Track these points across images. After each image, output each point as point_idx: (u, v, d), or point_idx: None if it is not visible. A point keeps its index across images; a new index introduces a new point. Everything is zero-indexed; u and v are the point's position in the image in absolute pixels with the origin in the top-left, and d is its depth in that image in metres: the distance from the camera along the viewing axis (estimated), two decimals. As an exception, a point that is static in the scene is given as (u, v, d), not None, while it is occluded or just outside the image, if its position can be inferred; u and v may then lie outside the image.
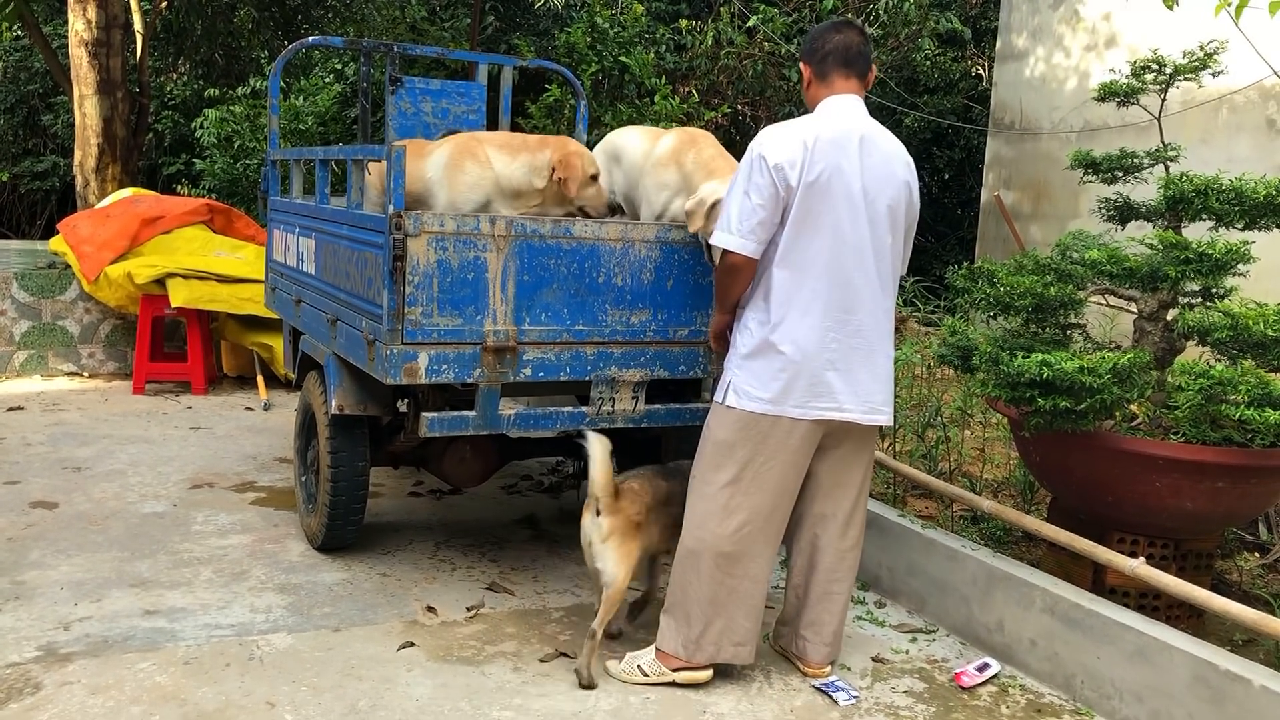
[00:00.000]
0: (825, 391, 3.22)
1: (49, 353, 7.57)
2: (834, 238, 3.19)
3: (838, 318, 3.21)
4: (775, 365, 3.21)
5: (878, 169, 3.25)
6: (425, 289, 3.44)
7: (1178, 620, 3.51)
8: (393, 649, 3.49)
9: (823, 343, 3.20)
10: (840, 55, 3.35)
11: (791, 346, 3.19)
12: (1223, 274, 3.57)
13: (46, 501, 4.81)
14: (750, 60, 10.94)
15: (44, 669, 3.24)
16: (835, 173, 3.17)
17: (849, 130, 3.24)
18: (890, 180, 3.28)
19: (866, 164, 3.23)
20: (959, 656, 3.68)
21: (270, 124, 5.51)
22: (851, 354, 3.24)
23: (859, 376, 3.25)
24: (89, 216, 7.70)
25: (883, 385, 3.32)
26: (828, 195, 3.16)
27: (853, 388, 3.24)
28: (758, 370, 3.24)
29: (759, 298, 3.28)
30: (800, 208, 3.16)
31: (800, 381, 3.20)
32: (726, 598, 3.29)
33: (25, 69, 13.61)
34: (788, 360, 3.20)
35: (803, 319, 3.20)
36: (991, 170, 9.47)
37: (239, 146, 10.02)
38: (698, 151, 3.91)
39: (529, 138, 4.10)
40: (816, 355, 3.20)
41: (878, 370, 3.30)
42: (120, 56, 8.95)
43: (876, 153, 3.27)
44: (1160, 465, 3.38)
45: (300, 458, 4.55)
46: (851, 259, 3.21)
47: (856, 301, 3.23)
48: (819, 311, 3.20)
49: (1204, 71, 3.86)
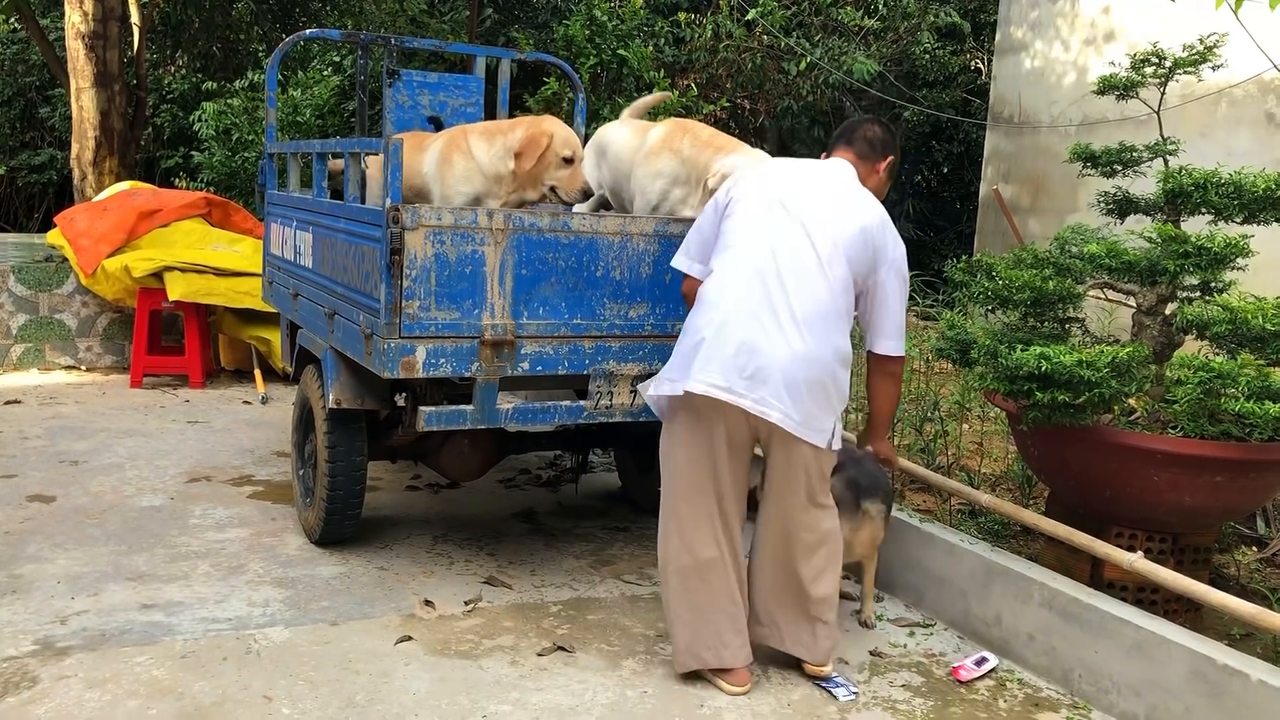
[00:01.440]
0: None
1: (46, 346, 7.56)
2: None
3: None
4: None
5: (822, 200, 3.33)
6: (423, 283, 3.43)
7: (1175, 615, 3.51)
8: (390, 643, 3.49)
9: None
10: (846, 133, 3.54)
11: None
12: (1221, 268, 3.57)
13: (44, 495, 4.81)
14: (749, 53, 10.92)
15: (41, 663, 3.24)
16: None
17: (805, 167, 3.46)
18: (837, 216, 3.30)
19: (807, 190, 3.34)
20: (957, 651, 3.68)
21: (268, 117, 5.49)
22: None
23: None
24: (86, 210, 7.69)
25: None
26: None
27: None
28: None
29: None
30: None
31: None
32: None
33: (22, 61, 13.58)
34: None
35: None
36: (990, 164, 9.46)
37: (237, 140, 10.00)
38: (693, 135, 3.90)
39: (506, 121, 4.05)
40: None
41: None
42: (117, 49, 8.93)
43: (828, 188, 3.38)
44: (1158, 460, 3.38)
45: (298, 452, 4.55)
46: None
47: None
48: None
49: (1204, 65, 3.85)
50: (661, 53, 10.72)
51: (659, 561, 3.38)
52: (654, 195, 3.95)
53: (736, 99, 11.46)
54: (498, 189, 3.90)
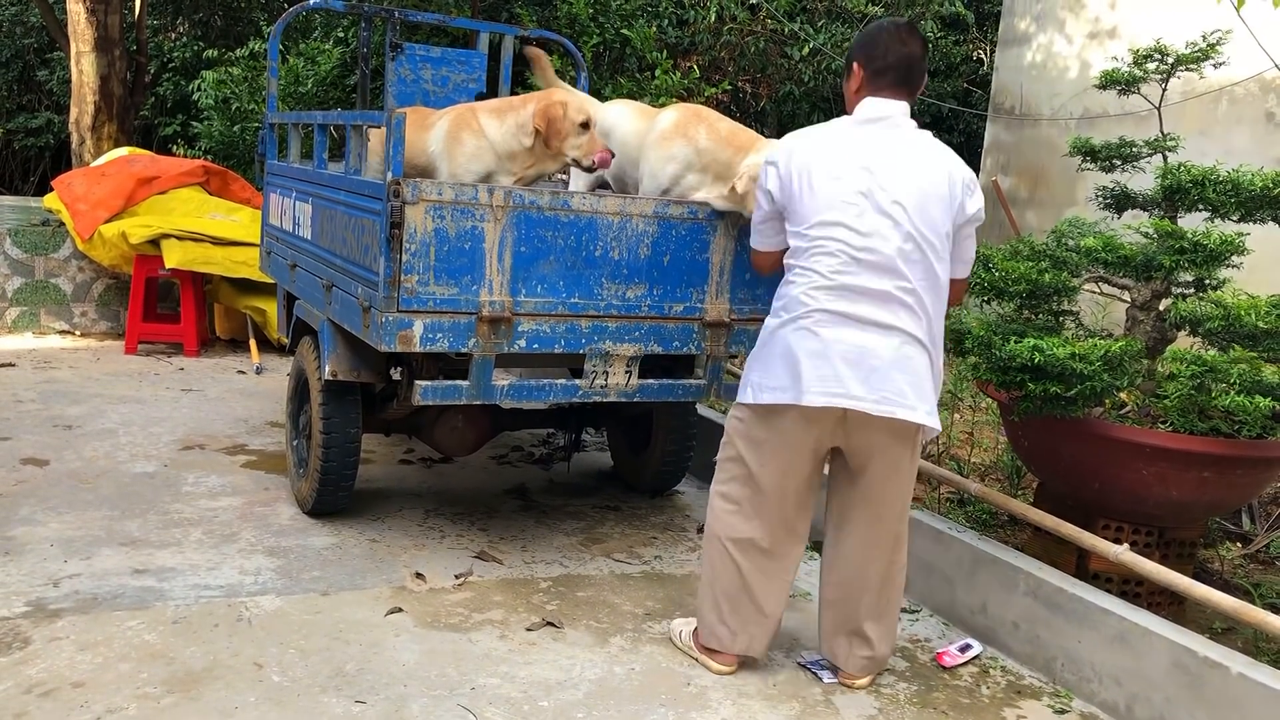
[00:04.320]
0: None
1: (41, 310, 7.56)
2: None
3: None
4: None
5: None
6: (422, 257, 3.44)
7: (1159, 607, 3.54)
8: (380, 614, 3.52)
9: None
10: (902, 71, 3.15)
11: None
12: (1217, 265, 3.59)
13: (37, 459, 4.82)
14: (753, 37, 10.89)
15: (33, 624, 3.26)
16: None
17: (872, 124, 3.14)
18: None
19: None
20: (941, 637, 3.72)
21: (269, 87, 5.48)
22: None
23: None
24: (84, 174, 7.66)
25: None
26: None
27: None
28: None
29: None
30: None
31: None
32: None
33: (21, 23, 13.49)
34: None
35: None
36: (990, 155, 9.46)
37: (236, 109, 9.95)
38: (709, 126, 3.85)
39: (516, 98, 4.04)
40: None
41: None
42: (119, 14, 8.89)
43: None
44: (1148, 453, 3.41)
45: (292, 422, 4.56)
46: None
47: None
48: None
49: (1206, 62, 3.86)
50: (665, 33, 10.68)
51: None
52: (665, 179, 3.91)
53: (738, 82, 11.43)
54: (510, 166, 3.89)
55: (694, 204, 3.81)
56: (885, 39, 3.15)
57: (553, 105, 3.79)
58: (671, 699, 3.14)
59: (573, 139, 3.84)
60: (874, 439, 3.08)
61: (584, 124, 3.84)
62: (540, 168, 3.95)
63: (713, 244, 3.83)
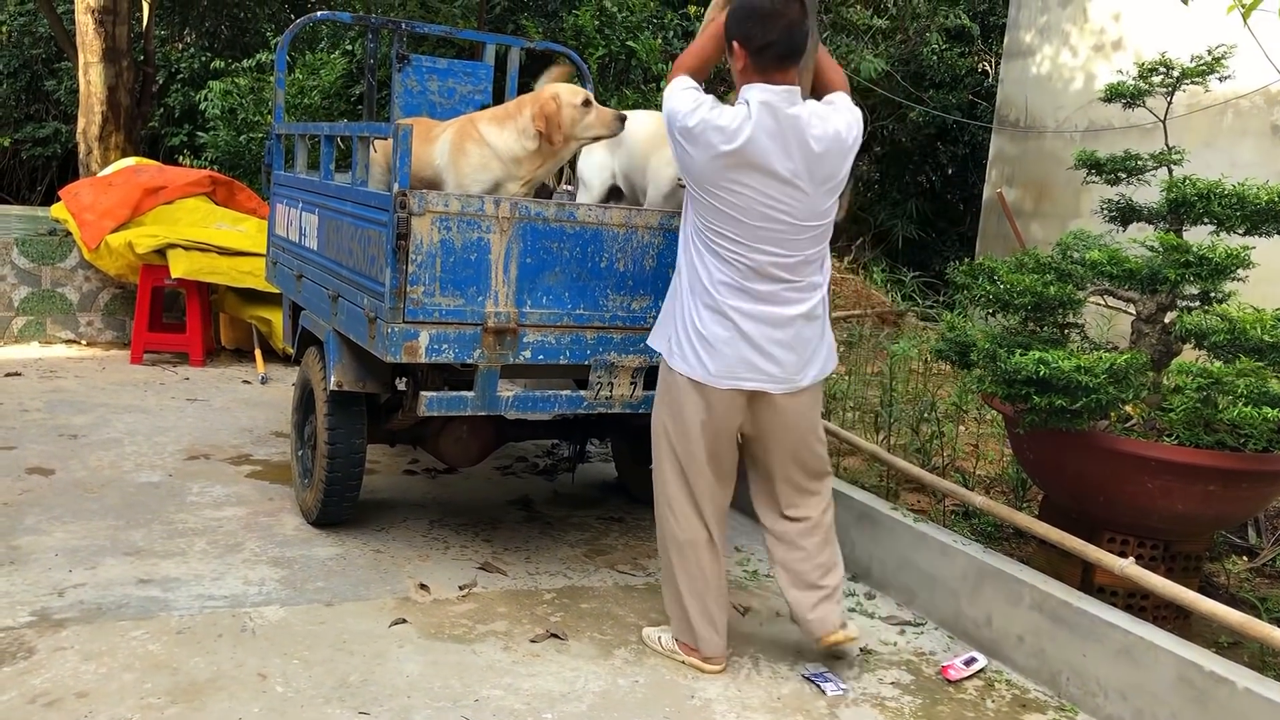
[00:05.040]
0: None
1: (48, 319, 7.57)
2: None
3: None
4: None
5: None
6: (428, 268, 3.45)
7: (1164, 621, 3.53)
8: (385, 625, 3.52)
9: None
10: (793, 46, 3.14)
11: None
12: (1222, 278, 3.59)
13: (42, 468, 4.82)
14: (757, 49, 10.89)
15: (37, 634, 3.26)
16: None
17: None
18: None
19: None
20: (946, 650, 3.71)
21: (276, 98, 5.50)
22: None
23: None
24: (91, 184, 7.69)
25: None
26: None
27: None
28: None
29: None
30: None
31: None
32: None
33: (29, 33, 13.55)
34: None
35: None
36: (995, 167, 9.47)
37: (242, 119, 9.99)
38: None
39: (511, 104, 4.04)
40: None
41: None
42: (126, 25, 8.94)
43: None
44: (1153, 467, 3.40)
45: (297, 433, 4.57)
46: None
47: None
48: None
49: (1211, 76, 3.86)
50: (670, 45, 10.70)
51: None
52: (665, 183, 3.93)
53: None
54: (518, 171, 3.89)
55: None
56: (763, 13, 3.10)
57: (547, 102, 3.78)
58: (675, 711, 3.13)
59: (581, 123, 3.82)
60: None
61: (584, 103, 3.83)
62: (550, 165, 3.95)
63: (718, 256, 3.83)
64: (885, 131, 12.41)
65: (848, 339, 7.19)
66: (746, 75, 3.17)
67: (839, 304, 8.43)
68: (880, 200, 12.90)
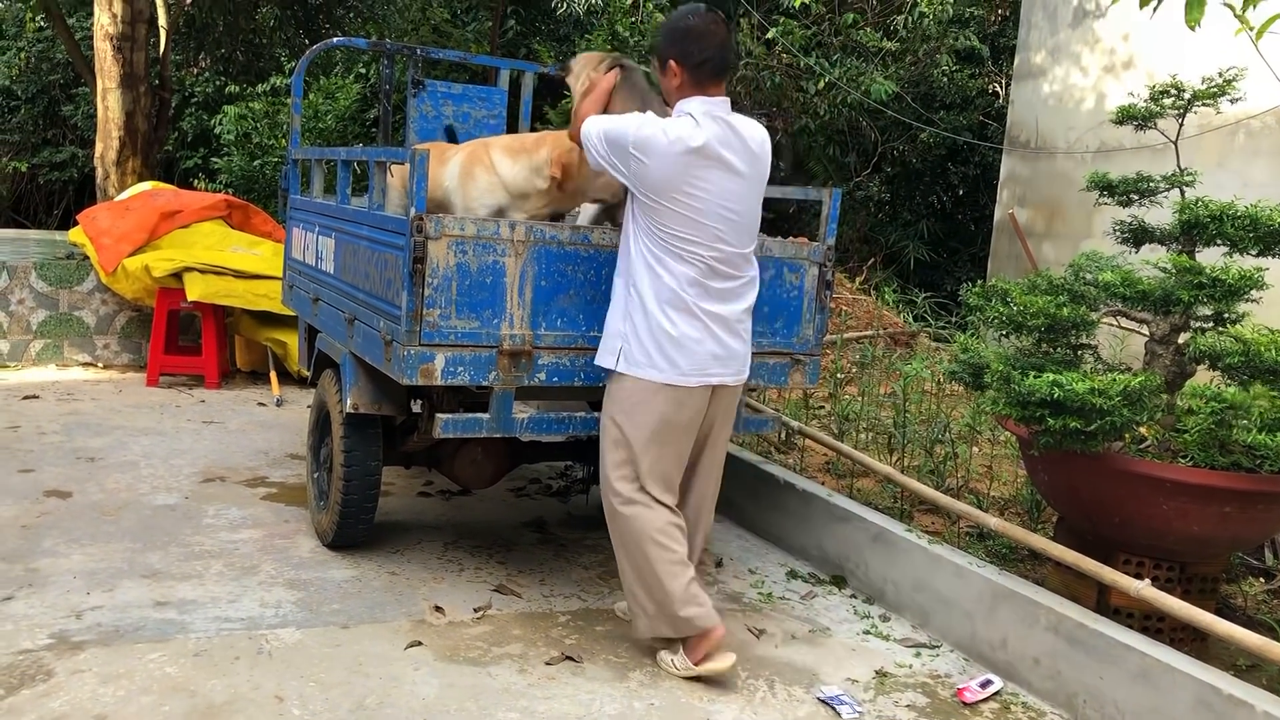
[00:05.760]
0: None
1: (65, 342, 7.63)
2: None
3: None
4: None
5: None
6: (444, 291, 3.48)
7: (1181, 643, 3.52)
8: (400, 647, 3.53)
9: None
10: (719, 60, 3.41)
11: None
12: (1235, 299, 3.59)
13: (60, 490, 4.86)
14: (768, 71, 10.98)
15: (56, 656, 3.28)
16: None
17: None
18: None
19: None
20: (962, 672, 3.70)
21: (293, 123, 5.55)
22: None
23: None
24: (108, 209, 7.76)
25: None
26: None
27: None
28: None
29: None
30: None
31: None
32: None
33: (47, 60, 13.72)
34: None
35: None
36: (1006, 188, 9.48)
37: (257, 143, 10.08)
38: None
39: (529, 137, 4.08)
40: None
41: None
42: (144, 51, 9.04)
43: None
44: (1168, 488, 3.40)
45: (313, 455, 4.59)
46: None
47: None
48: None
49: (1222, 98, 3.87)
50: (682, 68, 10.76)
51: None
52: None
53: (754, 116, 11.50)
54: (523, 205, 3.94)
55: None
56: (698, 32, 3.40)
57: (568, 153, 3.83)
58: (691, 734, 3.13)
59: (595, 183, 3.87)
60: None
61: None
62: (556, 207, 3.99)
63: (731, 278, 3.85)
64: (896, 153, 12.45)
65: (860, 360, 7.20)
66: (684, 90, 3.43)
67: (851, 325, 8.44)
68: (891, 221, 12.92)
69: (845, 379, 6.84)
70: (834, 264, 4.15)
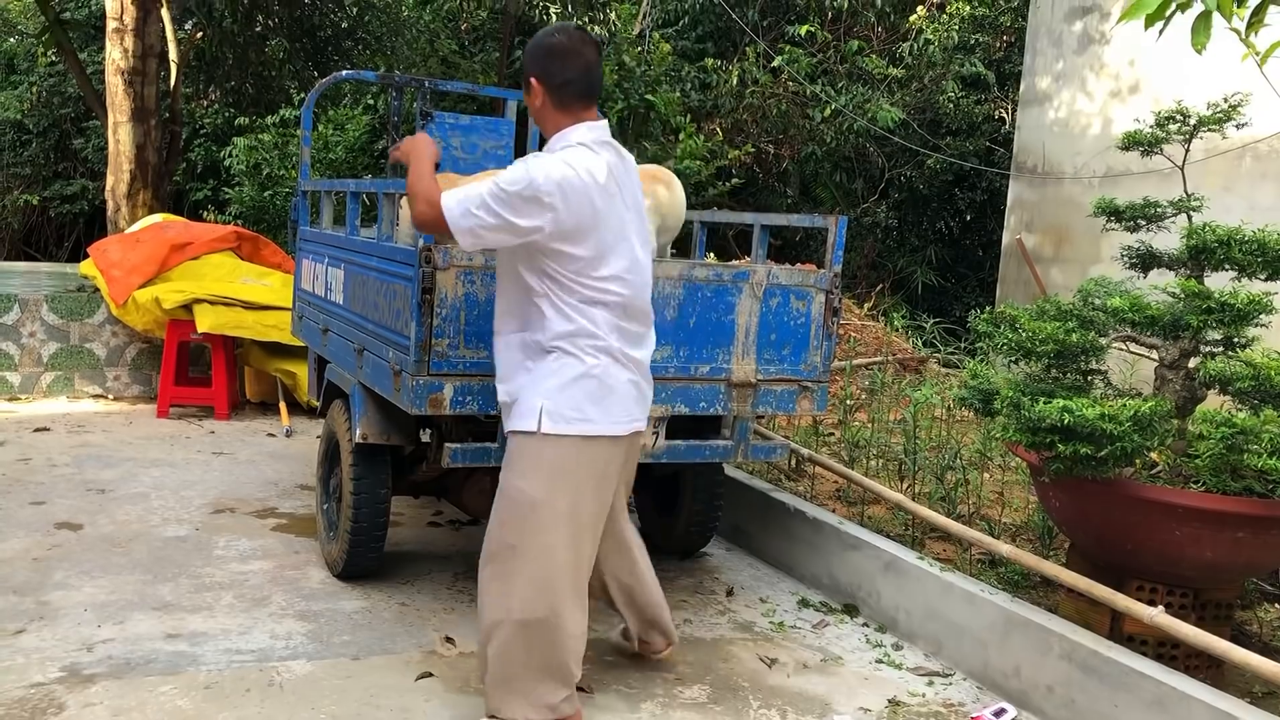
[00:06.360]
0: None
1: (76, 374, 7.66)
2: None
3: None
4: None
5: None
6: (452, 321, 3.49)
7: (1196, 670, 3.49)
8: (411, 679, 3.51)
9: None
10: (584, 81, 3.13)
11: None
12: (1245, 324, 3.59)
13: (71, 523, 4.86)
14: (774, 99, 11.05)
15: (67, 689, 3.27)
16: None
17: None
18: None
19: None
20: (975, 701, 3.68)
21: (302, 155, 5.60)
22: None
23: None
24: (119, 241, 7.81)
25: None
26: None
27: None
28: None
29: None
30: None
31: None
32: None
33: (58, 94, 13.85)
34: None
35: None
36: (1013, 213, 9.50)
37: (267, 175, 10.15)
38: (665, 185, 4.11)
39: None
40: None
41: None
42: (155, 85, 9.11)
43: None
44: (1180, 514, 3.38)
45: (323, 486, 4.59)
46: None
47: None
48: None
49: (1228, 124, 3.89)
50: (688, 97, 10.84)
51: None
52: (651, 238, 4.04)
53: (761, 144, 11.57)
54: None
55: (719, 266, 3.85)
56: (561, 50, 3.11)
57: None
58: (703, 765, 3.11)
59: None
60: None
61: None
62: None
63: (738, 305, 3.87)
64: (903, 179, 12.49)
65: (870, 386, 7.19)
66: (546, 112, 3.15)
67: (860, 351, 8.44)
68: (899, 247, 12.95)
69: (855, 405, 6.83)
70: (841, 290, 4.15)
